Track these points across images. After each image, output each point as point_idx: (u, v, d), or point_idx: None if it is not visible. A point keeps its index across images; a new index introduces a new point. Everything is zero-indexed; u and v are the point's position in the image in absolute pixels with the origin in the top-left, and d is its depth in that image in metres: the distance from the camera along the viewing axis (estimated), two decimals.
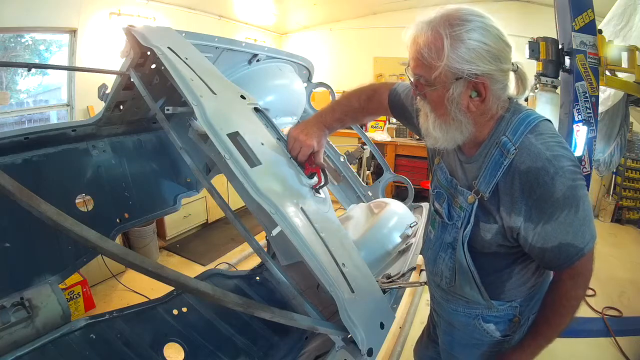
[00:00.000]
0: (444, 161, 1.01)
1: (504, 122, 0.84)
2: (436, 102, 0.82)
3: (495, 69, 0.77)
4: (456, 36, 0.75)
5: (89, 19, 3.12)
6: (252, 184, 0.95)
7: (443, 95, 0.80)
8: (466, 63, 0.75)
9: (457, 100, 0.79)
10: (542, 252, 0.84)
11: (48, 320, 1.36)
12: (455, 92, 0.78)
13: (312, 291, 1.60)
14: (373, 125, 5.30)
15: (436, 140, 0.88)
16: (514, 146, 0.80)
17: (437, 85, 0.79)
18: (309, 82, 2.36)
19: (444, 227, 1.00)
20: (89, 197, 1.67)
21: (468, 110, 0.81)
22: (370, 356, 0.93)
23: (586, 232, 0.82)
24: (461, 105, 0.80)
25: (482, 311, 1.03)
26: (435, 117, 0.85)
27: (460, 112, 0.81)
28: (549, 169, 0.76)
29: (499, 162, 0.82)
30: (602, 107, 2.47)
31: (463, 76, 0.76)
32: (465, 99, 0.79)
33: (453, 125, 0.83)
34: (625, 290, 2.97)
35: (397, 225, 1.77)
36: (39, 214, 0.54)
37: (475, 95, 0.79)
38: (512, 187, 0.81)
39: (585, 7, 1.97)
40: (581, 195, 0.79)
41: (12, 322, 1.27)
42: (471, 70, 0.75)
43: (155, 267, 0.65)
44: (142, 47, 1.24)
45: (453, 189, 0.96)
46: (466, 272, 0.96)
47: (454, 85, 0.78)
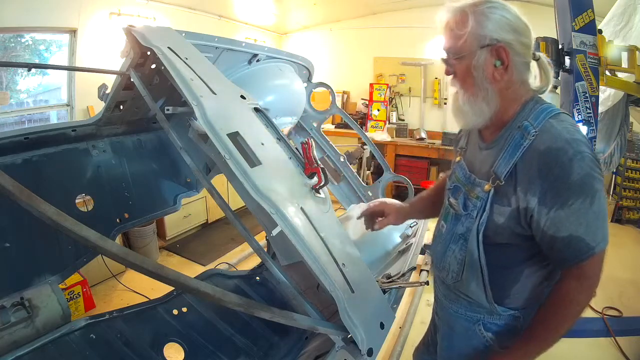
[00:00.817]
0: (464, 158, 1.05)
1: (527, 109, 0.88)
2: (464, 73, 0.89)
3: (515, 40, 0.84)
4: (479, 11, 0.85)
5: (89, 19, 3.12)
6: (252, 184, 0.95)
7: (470, 65, 0.87)
8: (488, 30, 0.84)
9: (483, 68, 0.86)
10: (552, 241, 0.83)
11: (48, 320, 1.36)
12: (480, 59, 0.85)
13: (312, 291, 1.60)
14: (373, 125, 5.31)
15: (465, 116, 0.92)
16: (535, 129, 0.83)
17: (464, 53, 0.87)
18: (309, 82, 2.36)
19: (456, 219, 1.00)
20: (89, 197, 1.67)
21: (493, 79, 0.87)
22: (370, 356, 0.93)
23: (599, 230, 0.81)
24: (487, 73, 0.86)
25: (483, 316, 1.01)
26: (464, 91, 0.91)
27: (487, 80, 0.87)
28: (567, 150, 0.78)
29: (519, 143, 0.85)
30: (602, 107, 2.47)
31: (486, 43, 0.84)
32: (490, 67, 0.86)
33: (480, 95, 0.88)
34: (625, 290, 2.97)
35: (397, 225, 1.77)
36: (39, 214, 0.54)
37: (499, 65, 0.85)
38: (530, 167, 0.82)
39: (585, 7, 1.97)
40: (597, 188, 0.79)
41: (12, 322, 1.27)
42: (492, 36, 0.84)
43: (155, 267, 0.65)
44: (142, 47, 1.24)
45: (470, 184, 0.97)
46: (475, 265, 0.95)
47: (478, 52, 0.85)
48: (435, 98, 5.22)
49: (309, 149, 1.19)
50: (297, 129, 2.46)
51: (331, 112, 2.44)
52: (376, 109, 5.32)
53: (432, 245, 1.17)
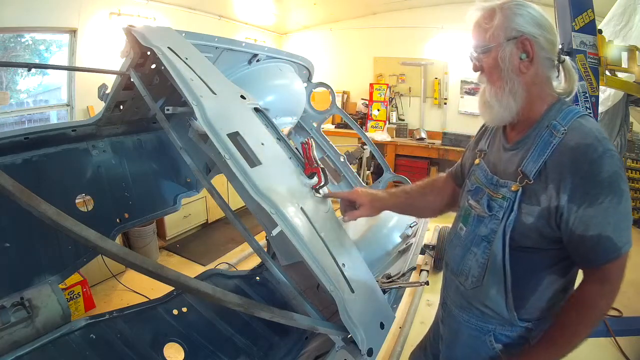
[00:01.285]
0: (484, 161, 1.04)
1: (555, 109, 0.89)
2: (491, 67, 0.91)
3: (540, 34, 0.87)
4: (507, 7, 0.89)
5: (89, 19, 3.12)
6: (252, 184, 0.95)
7: (496, 57, 0.89)
8: (514, 24, 0.87)
9: (509, 60, 0.88)
10: (580, 240, 0.82)
11: (48, 320, 1.36)
12: (506, 51, 0.87)
13: (312, 291, 1.60)
14: (373, 125, 5.31)
15: (492, 110, 0.93)
16: (564, 127, 0.84)
17: (491, 46, 0.89)
18: (309, 82, 2.36)
19: (479, 221, 0.98)
20: (89, 197, 1.67)
21: (519, 72, 0.88)
22: (370, 356, 0.93)
23: (625, 231, 0.81)
24: (513, 65, 0.88)
25: (495, 327, 0.98)
26: (491, 85, 0.92)
27: (513, 72, 0.88)
28: (597, 147, 0.79)
29: (548, 141, 0.85)
30: (602, 107, 2.47)
31: (512, 35, 0.86)
32: (516, 59, 0.87)
33: (506, 88, 0.89)
34: (625, 290, 2.94)
35: (397, 225, 1.77)
36: (39, 214, 0.54)
37: (524, 57, 0.87)
38: (561, 163, 0.82)
39: (585, 7, 1.97)
40: (624, 189, 0.80)
41: (12, 322, 1.27)
42: (518, 28, 0.86)
43: (155, 267, 0.65)
44: (142, 47, 1.24)
45: (493, 185, 0.96)
46: (498, 269, 0.92)
47: (504, 44, 0.87)
48: (435, 98, 5.22)
49: (309, 149, 1.19)
50: (297, 129, 2.46)
51: (331, 112, 2.44)
52: (376, 109, 5.32)
53: (448, 249, 1.13)
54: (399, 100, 5.44)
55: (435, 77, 5.15)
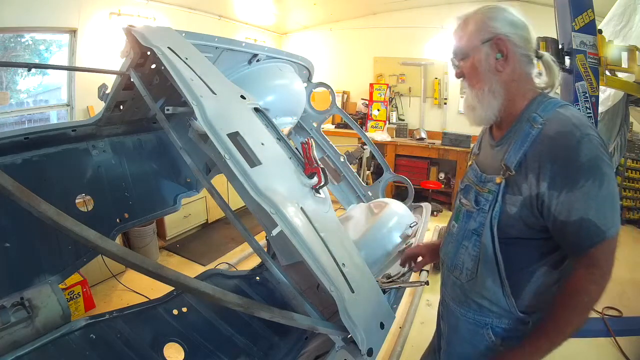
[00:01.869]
0: (476, 162, 1.08)
1: (536, 103, 0.92)
2: (471, 71, 0.96)
3: (512, 32, 0.91)
4: (479, 13, 0.95)
5: (89, 19, 3.12)
6: (252, 184, 0.96)
7: (474, 62, 0.94)
8: (487, 27, 0.91)
9: (486, 61, 0.92)
10: (563, 227, 0.83)
11: (48, 320, 1.36)
12: (482, 53, 0.92)
13: (312, 291, 1.61)
14: (373, 125, 5.31)
15: (474, 111, 0.97)
16: (543, 118, 0.87)
17: (468, 51, 0.94)
18: (309, 82, 2.36)
19: (469, 216, 1.01)
20: (89, 197, 1.67)
21: (496, 71, 0.92)
22: (370, 356, 0.93)
23: (609, 214, 0.81)
24: (490, 65, 0.92)
25: (492, 320, 0.99)
26: (472, 88, 0.97)
27: (491, 72, 0.92)
28: (575, 133, 0.81)
29: (527, 133, 0.88)
30: (602, 107, 2.47)
31: (485, 38, 0.91)
32: (492, 60, 0.92)
33: (486, 88, 0.94)
34: (625, 290, 2.97)
35: (397, 225, 1.77)
36: (39, 214, 0.54)
37: (500, 57, 0.91)
38: (540, 152, 0.85)
39: (585, 7, 1.97)
40: (606, 171, 0.80)
41: (12, 322, 1.27)
42: (491, 30, 0.91)
43: (155, 267, 0.65)
44: (142, 47, 1.24)
45: (481, 182, 0.99)
46: (490, 259, 0.94)
47: (480, 47, 0.92)
48: (435, 98, 5.22)
49: (309, 149, 1.19)
50: (297, 129, 2.46)
51: (331, 112, 2.44)
52: (376, 109, 5.32)
53: (443, 246, 1.15)
54: (399, 100, 5.44)
55: (435, 77, 5.15)
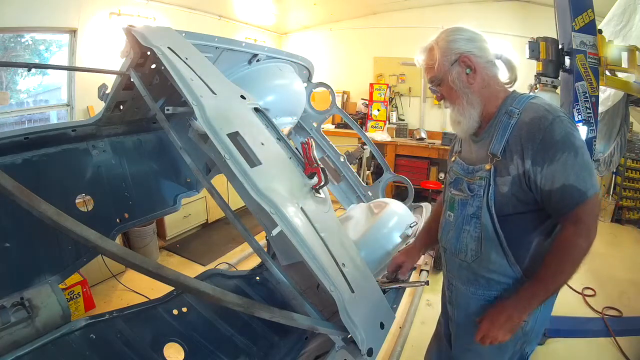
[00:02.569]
0: (459, 157, 1.19)
1: (509, 99, 1.06)
2: (448, 91, 1.09)
3: (473, 47, 1.05)
4: (440, 40, 1.08)
5: (89, 19, 3.12)
6: (252, 184, 0.96)
7: (449, 83, 1.07)
8: (451, 50, 1.05)
9: (459, 79, 1.05)
10: (549, 195, 0.96)
11: (48, 320, 1.36)
12: (454, 74, 1.05)
13: (312, 291, 1.61)
14: (373, 125, 5.31)
15: (460, 124, 1.09)
16: (519, 110, 1.01)
17: (442, 76, 1.07)
18: (309, 82, 2.36)
19: (464, 204, 1.12)
20: (89, 197, 1.67)
21: (470, 85, 1.06)
22: (370, 356, 0.93)
23: (587, 178, 0.95)
24: (463, 81, 1.05)
25: (500, 293, 1.09)
26: (453, 105, 1.10)
27: (465, 87, 1.05)
28: (547, 116, 0.96)
29: (507, 123, 1.02)
30: (602, 107, 2.47)
31: (453, 59, 1.05)
32: (464, 76, 1.05)
33: (465, 101, 1.07)
34: (625, 290, 2.97)
35: (397, 225, 1.77)
36: (39, 214, 0.54)
37: (469, 71, 1.05)
38: (520, 137, 0.98)
39: (585, 7, 1.97)
40: (579, 144, 0.95)
41: (12, 322, 1.27)
42: (455, 51, 1.04)
43: (155, 267, 0.65)
44: (142, 47, 1.24)
45: (469, 173, 1.11)
46: (491, 235, 1.05)
47: (450, 69, 1.05)
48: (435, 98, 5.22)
49: (309, 149, 1.19)
50: (297, 129, 2.46)
51: (331, 112, 2.44)
52: (376, 109, 5.32)
53: (442, 235, 1.24)
54: (399, 100, 5.44)
55: None
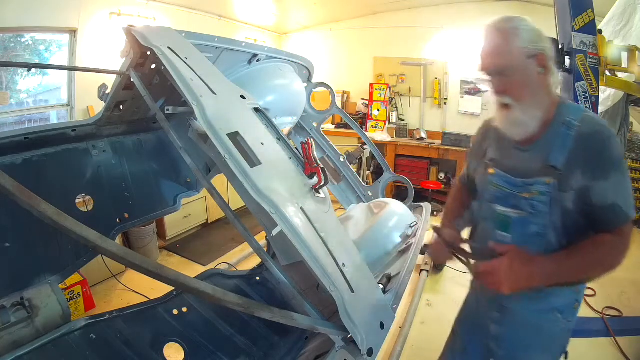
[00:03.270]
0: (499, 168, 1.09)
1: (563, 108, 1.01)
2: (515, 86, 0.98)
3: (549, 47, 0.99)
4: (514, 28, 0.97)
5: (89, 19, 3.12)
6: (252, 184, 0.96)
7: (519, 77, 0.97)
8: (528, 43, 0.96)
9: (531, 75, 0.97)
10: (598, 210, 0.95)
11: (48, 320, 1.36)
12: (528, 69, 0.96)
13: (312, 291, 1.60)
14: (373, 125, 5.31)
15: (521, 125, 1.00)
16: (577, 121, 0.97)
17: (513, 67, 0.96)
18: (309, 82, 2.36)
19: (523, 222, 1.04)
20: (89, 197, 1.67)
21: (540, 85, 0.99)
22: (370, 356, 0.93)
23: (629, 200, 0.97)
24: (534, 80, 0.97)
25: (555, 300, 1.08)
26: (519, 102, 0.99)
27: (535, 86, 0.98)
28: (604, 132, 0.96)
29: (567, 135, 0.97)
30: (602, 107, 2.47)
31: (531, 54, 0.95)
32: (535, 75, 0.97)
33: (533, 103, 0.99)
34: (625, 290, 2.96)
35: (397, 225, 1.77)
36: (39, 214, 0.54)
37: (542, 71, 0.97)
38: (582, 149, 0.96)
39: (585, 7, 1.97)
40: (626, 167, 0.97)
41: (12, 322, 1.27)
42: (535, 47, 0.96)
43: (155, 267, 0.65)
44: (142, 47, 1.24)
45: (521, 188, 1.03)
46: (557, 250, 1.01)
47: (526, 62, 0.96)
48: (435, 98, 5.22)
49: (309, 149, 1.19)
50: (297, 129, 2.46)
51: (331, 112, 2.44)
52: (376, 109, 5.32)
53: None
54: (399, 100, 5.44)
55: (435, 77, 5.15)
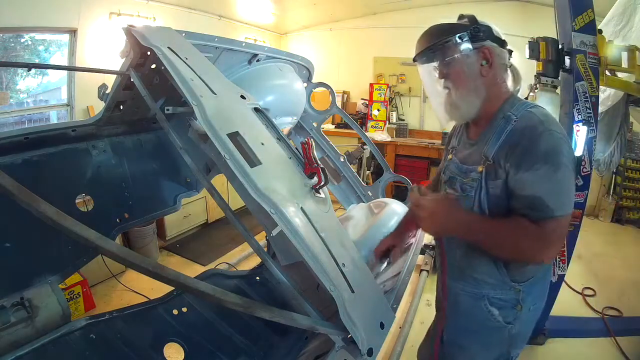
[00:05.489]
0: (455, 156, 1.19)
1: (509, 103, 1.05)
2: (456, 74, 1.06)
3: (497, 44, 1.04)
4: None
5: (89, 19, 3.12)
6: (252, 184, 0.95)
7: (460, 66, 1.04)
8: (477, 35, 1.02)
9: (473, 66, 1.04)
10: (517, 199, 0.96)
11: (48, 320, 1.36)
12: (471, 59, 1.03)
13: (312, 291, 1.60)
14: (373, 125, 5.31)
15: (458, 109, 1.08)
16: (516, 116, 1.01)
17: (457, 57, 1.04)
18: (309, 82, 2.36)
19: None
20: (89, 197, 1.67)
21: (481, 76, 1.04)
22: (370, 356, 0.93)
23: (560, 197, 0.93)
24: (476, 70, 1.04)
25: (488, 292, 1.09)
26: (456, 89, 1.06)
27: (474, 75, 1.04)
28: (538, 127, 0.95)
29: (503, 128, 1.01)
30: (602, 107, 2.47)
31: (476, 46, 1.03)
32: (478, 66, 1.04)
33: (471, 89, 1.05)
34: (625, 290, 2.97)
35: (397, 225, 1.77)
36: (38, 214, 0.54)
37: (485, 63, 1.04)
38: (510, 142, 0.98)
39: (585, 7, 1.97)
40: (564, 162, 0.92)
41: (12, 322, 1.27)
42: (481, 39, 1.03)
43: (155, 267, 0.65)
44: (142, 47, 1.24)
45: (464, 173, 1.11)
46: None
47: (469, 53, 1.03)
48: None
49: (309, 149, 1.19)
50: (297, 129, 2.46)
51: (331, 112, 2.44)
52: (376, 109, 5.32)
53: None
54: (399, 100, 5.44)
55: None
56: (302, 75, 2.27)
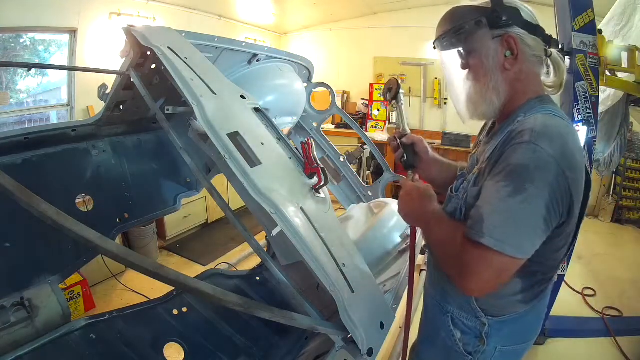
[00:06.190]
0: (477, 152, 1.03)
1: (529, 105, 0.87)
2: (477, 65, 0.90)
3: (525, 33, 0.86)
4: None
5: (89, 19, 3.12)
6: (252, 184, 0.95)
7: (481, 56, 0.88)
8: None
9: (493, 57, 0.87)
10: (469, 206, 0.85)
11: (48, 320, 1.36)
12: (491, 49, 0.87)
13: (312, 291, 1.60)
14: (373, 125, 5.31)
15: (475, 105, 0.92)
16: (523, 119, 0.84)
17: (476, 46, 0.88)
18: (309, 82, 2.36)
19: (449, 200, 0.99)
20: (89, 197, 1.67)
21: (504, 69, 0.87)
22: (370, 356, 0.93)
23: (505, 227, 0.74)
24: (497, 62, 0.87)
25: (453, 309, 0.98)
26: (476, 82, 0.91)
27: (497, 69, 0.87)
28: (524, 136, 0.75)
29: (504, 131, 0.85)
30: (602, 107, 2.47)
31: (497, 32, 0.86)
32: (501, 57, 0.87)
33: (491, 84, 0.89)
34: (625, 290, 2.97)
35: (397, 225, 1.77)
36: (39, 214, 0.54)
37: (509, 55, 0.86)
38: (499, 148, 0.83)
39: (585, 7, 1.97)
40: (529, 189, 0.72)
41: (12, 322, 1.27)
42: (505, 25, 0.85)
43: (155, 267, 0.65)
44: (142, 47, 1.24)
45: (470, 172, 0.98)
46: None
47: (489, 42, 0.87)
48: (435, 98, 5.22)
49: (309, 149, 1.19)
50: (297, 129, 2.46)
51: (331, 112, 2.44)
52: (376, 109, 5.32)
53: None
54: None
55: (435, 77, 5.15)
56: (302, 75, 2.27)
